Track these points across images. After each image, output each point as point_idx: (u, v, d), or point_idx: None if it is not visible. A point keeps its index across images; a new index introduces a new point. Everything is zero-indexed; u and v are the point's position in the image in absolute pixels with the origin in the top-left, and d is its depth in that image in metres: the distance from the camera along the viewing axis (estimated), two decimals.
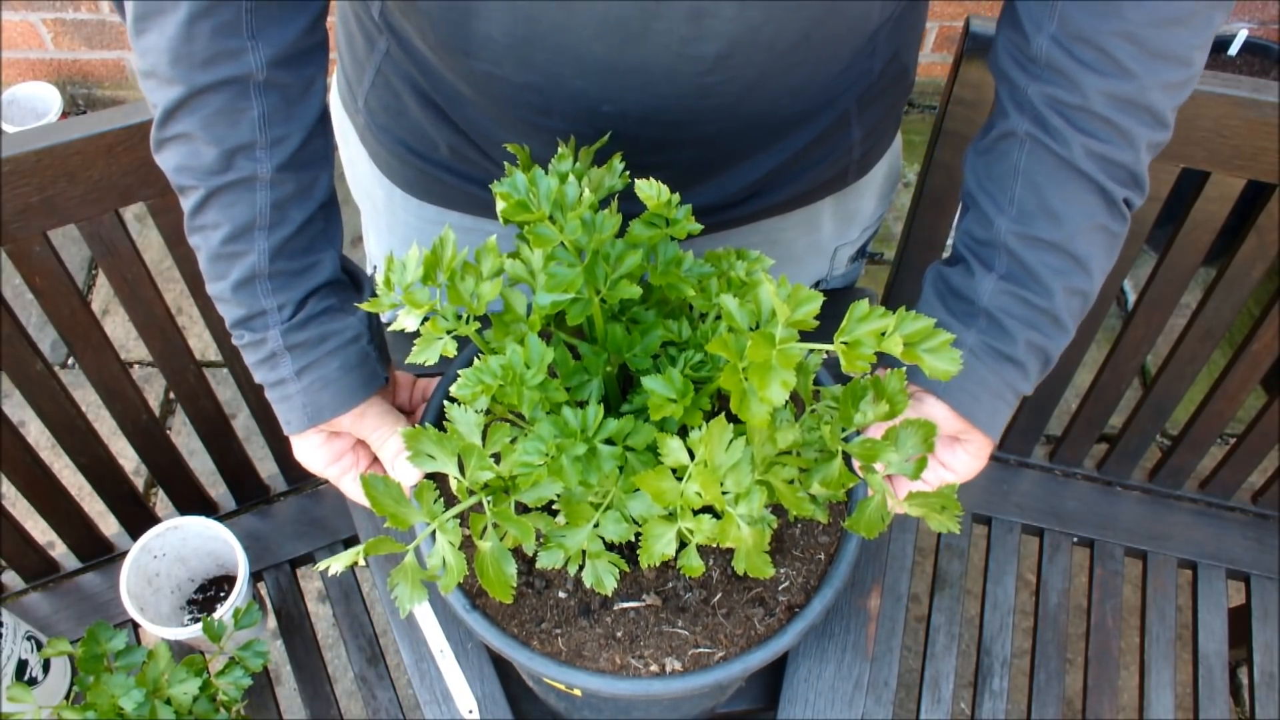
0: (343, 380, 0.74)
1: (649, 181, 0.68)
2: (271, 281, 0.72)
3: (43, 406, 1.08)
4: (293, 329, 0.73)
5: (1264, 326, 1.15)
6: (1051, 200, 0.70)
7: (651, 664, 0.71)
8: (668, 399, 0.62)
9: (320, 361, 0.73)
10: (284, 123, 0.69)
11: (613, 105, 0.74)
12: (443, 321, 0.68)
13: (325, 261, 0.75)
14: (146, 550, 1.17)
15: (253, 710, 1.18)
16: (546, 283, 0.65)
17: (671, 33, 0.68)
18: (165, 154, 0.70)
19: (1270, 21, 2.19)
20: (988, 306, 0.73)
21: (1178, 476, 1.35)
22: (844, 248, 1.08)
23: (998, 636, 1.26)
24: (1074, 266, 0.71)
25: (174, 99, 0.67)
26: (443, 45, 0.75)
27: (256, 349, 0.74)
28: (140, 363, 2.04)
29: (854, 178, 0.98)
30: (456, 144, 0.88)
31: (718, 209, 0.90)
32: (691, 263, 0.70)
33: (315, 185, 0.73)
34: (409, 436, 0.65)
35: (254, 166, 0.69)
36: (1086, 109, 0.68)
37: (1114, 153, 0.69)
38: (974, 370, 0.73)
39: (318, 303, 0.74)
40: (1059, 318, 0.72)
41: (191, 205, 0.70)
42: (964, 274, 0.75)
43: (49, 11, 2.15)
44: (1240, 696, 1.67)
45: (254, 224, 0.70)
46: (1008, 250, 0.72)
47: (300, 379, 0.74)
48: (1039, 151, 0.70)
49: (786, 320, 0.57)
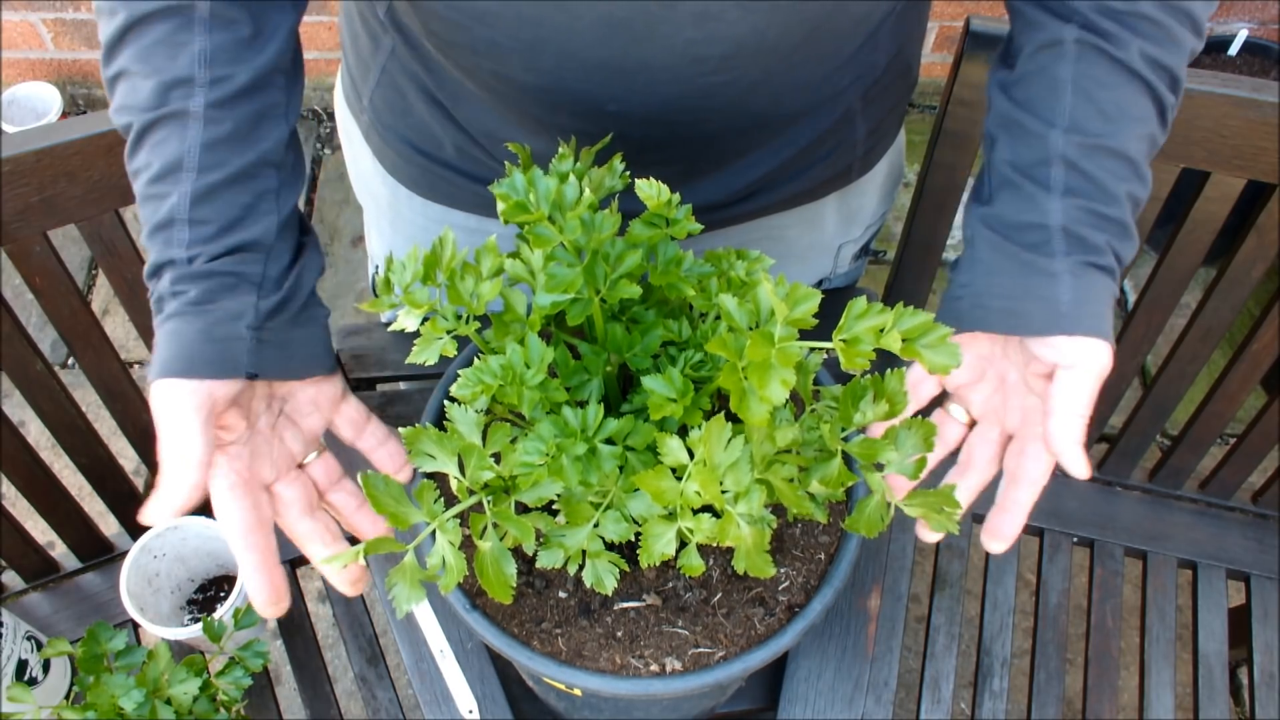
0: (196, 346, 0.65)
1: (649, 181, 0.68)
2: (191, 230, 0.65)
3: (43, 406, 1.08)
4: (185, 277, 0.65)
5: (1264, 326, 1.15)
6: (1108, 105, 0.69)
7: (652, 664, 0.71)
8: (667, 399, 0.62)
9: (186, 316, 0.65)
10: (229, 64, 0.65)
11: (617, 105, 0.74)
12: (442, 321, 0.67)
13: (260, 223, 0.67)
14: (146, 550, 1.17)
15: (253, 710, 1.18)
16: (546, 283, 0.65)
17: (676, 35, 0.68)
18: (112, 98, 0.67)
19: (1270, 21, 2.19)
20: (1064, 225, 0.68)
21: (1178, 476, 1.35)
22: (847, 245, 1.08)
23: (998, 636, 1.26)
24: (1133, 173, 0.69)
25: (116, 29, 0.65)
26: (448, 46, 0.76)
27: (154, 290, 0.67)
28: (140, 363, 2.04)
29: (858, 174, 0.98)
30: (461, 143, 0.88)
31: (721, 206, 0.90)
32: (691, 262, 0.70)
33: (257, 134, 0.66)
34: (409, 436, 0.65)
35: (187, 102, 0.64)
36: (1136, 12, 0.68)
37: (1164, 55, 0.69)
38: (1082, 290, 0.68)
39: (235, 264, 0.66)
40: (1128, 226, 0.69)
41: (129, 145, 0.67)
42: (1017, 202, 0.70)
43: (49, 11, 2.15)
44: (1240, 696, 1.67)
45: (181, 164, 0.65)
46: (1066, 163, 0.68)
47: (163, 325, 0.65)
48: (1092, 55, 0.69)
49: (785, 319, 0.57)
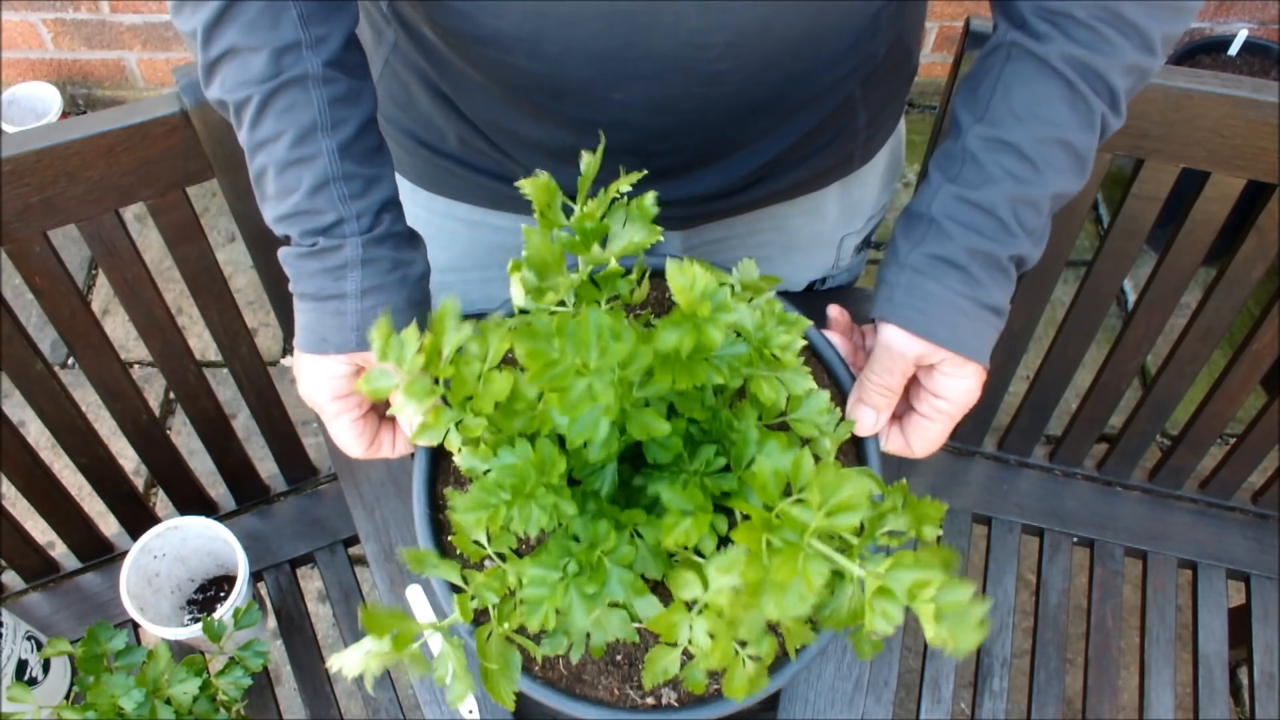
0: (405, 315, 0.72)
1: (683, 266, 0.59)
2: (346, 185, 0.70)
3: (43, 406, 1.08)
4: (372, 242, 0.71)
5: (1264, 326, 1.15)
6: (1022, 101, 0.70)
7: (649, 696, 0.71)
8: (681, 512, 0.60)
9: (388, 287, 0.72)
10: (323, 23, 0.69)
11: (621, 94, 0.74)
12: (446, 414, 0.64)
13: (388, 176, 0.73)
14: (146, 550, 1.17)
15: (253, 710, 1.18)
16: (569, 433, 0.58)
17: (680, 23, 0.68)
18: (215, 81, 0.70)
19: (1270, 21, 2.19)
20: (935, 214, 0.72)
21: (1178, 476, 1.35)
22: (849, 237, 1.09)
23: (998, 636, 1.26)
24: (1031, 172, 0.70)
25: (213, 12, 0.67)
26: (452, 36, 0.76)
27: (326, 256, 0.71)
28: (140, 363, 2.04)
29: (859, 163, 0.98)
30: (465, 134, 0.88)
31: (725, 194, 0.91)
32: (725, 342, 0.62)
33: (363, 92, 0.72)
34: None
35: (303, 65, 0.68)
36: (1070, 14, 0.69)
37: (1092, 59, 0.69)
38: (916, 284, 0.72)
39: (393, 222, 0.72)
40: (1005, 221, 0.71)
41: (250, 118, 0.70)
42: (922, 190, 0.75)
43: (49, 11, 2.15)
44: (1240, 696, 1.67)
45: (316, 125, 0.69)
46: (968, 154, 0.72)
47: (363, 299, 0.71)
48: (1019, 55, 0.71)
49: (823, 508, 0.53)
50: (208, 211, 2.20)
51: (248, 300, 2.10)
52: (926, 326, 0.72)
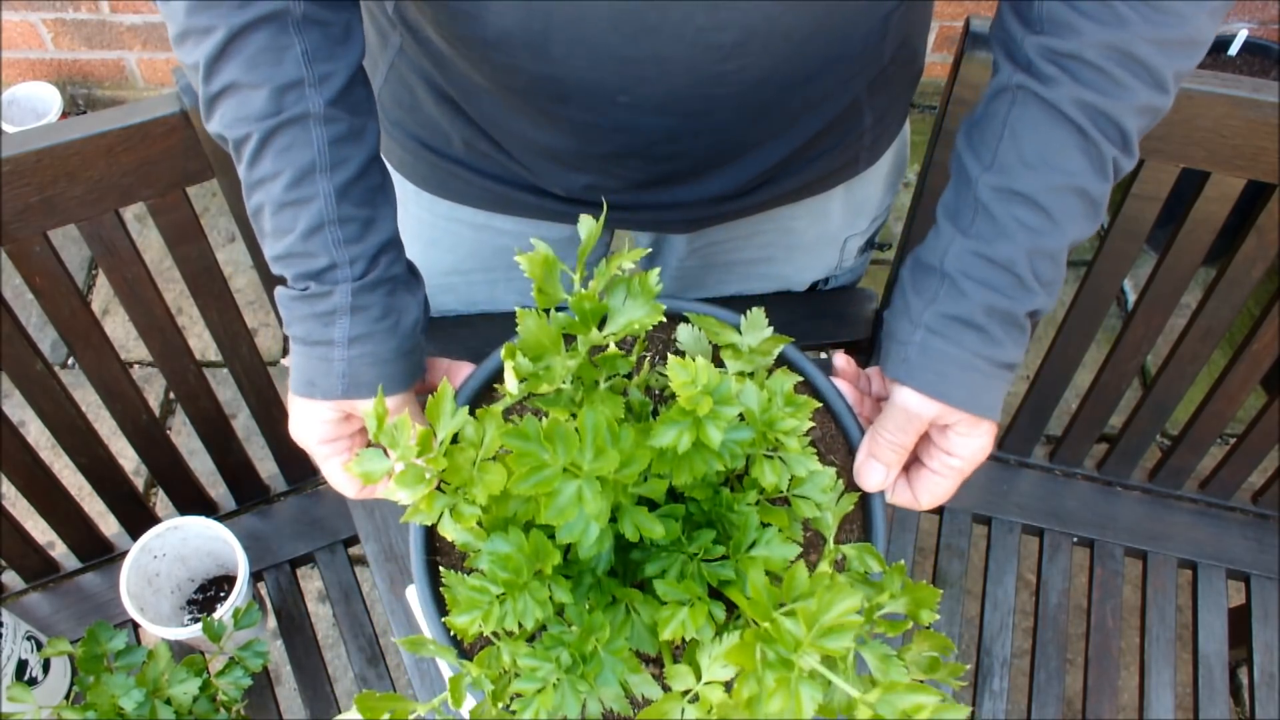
0: (394, 365, 0.71)
1: (683, 363, 0.58)
2: (342, 229, 0.69)
3: (43, 406, 1.08)
4: (364, 289, 0.70)
5: (1264, 326, 1.15)
6: (1032, 148, 0.67)
7: None
8: (678, 603, 0.58)
9: (376, 336, 0.70)
10: (328, 60, 0.67)
11: (628, 96, 0.74)
12: (440, 499, 0.61)
13: (388, 218, 0.71)
14: (146, 550, 1.17)
15: (253, 710, 1.18)
16: (558, 535, 0.57)
17: (687, 22, 0.68)
18: (216, 115, 0.68)
19: (1270, 21, 2.19)
20: (949, 270, 0.70)
21: (1178, 476, 1.35)
22: (854, 238, 1.09)
23: (998, 636, 1.26)
24: (1046, 223, 0.68)
25: (215, 46, 0.65)
26: (458, 38, 0.76)
27: (317, 301, 0.70)
28: (140, 363, 2.04)
29: (865, 165, 0.97)
30: (470, 137, 0.88)
31: (731, 197, 0.90)
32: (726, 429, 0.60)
33: (366, 131, 0.71)
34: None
35: (305, 104, 0.67)
36: (1079, 56, 0.66)
37: (1103, 103, 0.66)
38: (932, 345, 0.70)
39: (390, 265, 0.71)
40: (1022, 277, 0.68)
41: (248, 156, 0.68)
42: (932, 240, 0.72)
43: (49, 11, 2.15)
44: (1240, 696, 1.67)
45: (315, 166, 0.68)
46: (980, 205, 0.69)
47: (350, 347, 0.70)
48: (1026, 99, 0.68)
49: (817, 628, 0.51)
50: (208, 211, 2.20)
51: (248, 300, 2.10)
52: (944, 390, 0.70)
